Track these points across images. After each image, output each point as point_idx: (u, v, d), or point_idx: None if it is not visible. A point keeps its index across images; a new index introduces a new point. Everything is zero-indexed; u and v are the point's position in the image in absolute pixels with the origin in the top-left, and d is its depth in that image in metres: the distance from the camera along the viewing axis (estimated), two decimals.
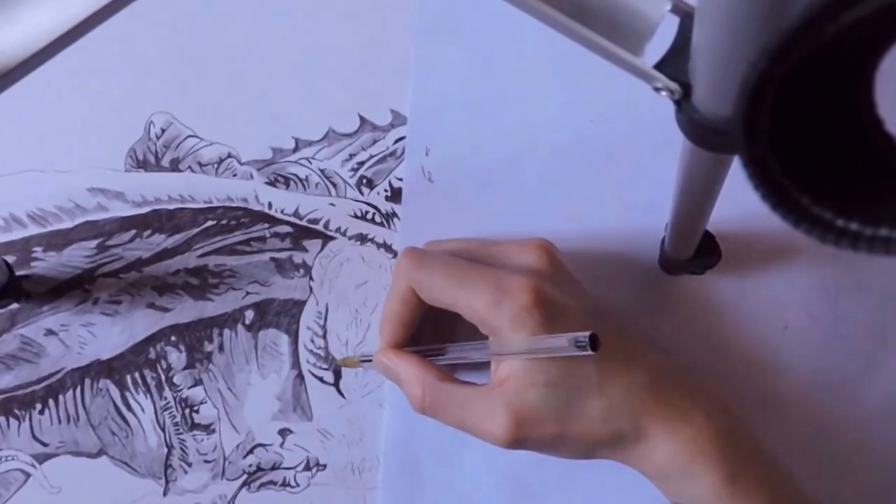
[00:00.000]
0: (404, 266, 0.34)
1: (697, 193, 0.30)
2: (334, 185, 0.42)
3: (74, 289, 0.42)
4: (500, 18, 0.43)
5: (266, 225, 0.42)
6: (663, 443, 0.33)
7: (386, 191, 0.42)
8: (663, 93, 0.23)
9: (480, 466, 0.41)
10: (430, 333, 0.39)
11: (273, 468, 0.42)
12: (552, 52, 0.42)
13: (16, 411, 0.41)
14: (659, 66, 0.23)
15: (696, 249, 0.38)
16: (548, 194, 0.42)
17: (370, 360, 0.39)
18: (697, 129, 0.23)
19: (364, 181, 0.42)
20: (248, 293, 0.42)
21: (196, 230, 0.42)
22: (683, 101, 0.23)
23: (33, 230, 0.42)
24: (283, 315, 0.42)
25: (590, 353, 0.28)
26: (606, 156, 0.42)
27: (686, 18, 0.23)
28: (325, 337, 0.42)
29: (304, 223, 0.42)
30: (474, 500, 0.41)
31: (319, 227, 0.42)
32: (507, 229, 0.42)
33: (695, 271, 0.41)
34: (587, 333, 0.28)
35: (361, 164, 0.42)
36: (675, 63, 0.23)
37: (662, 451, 0.33)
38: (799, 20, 0.13)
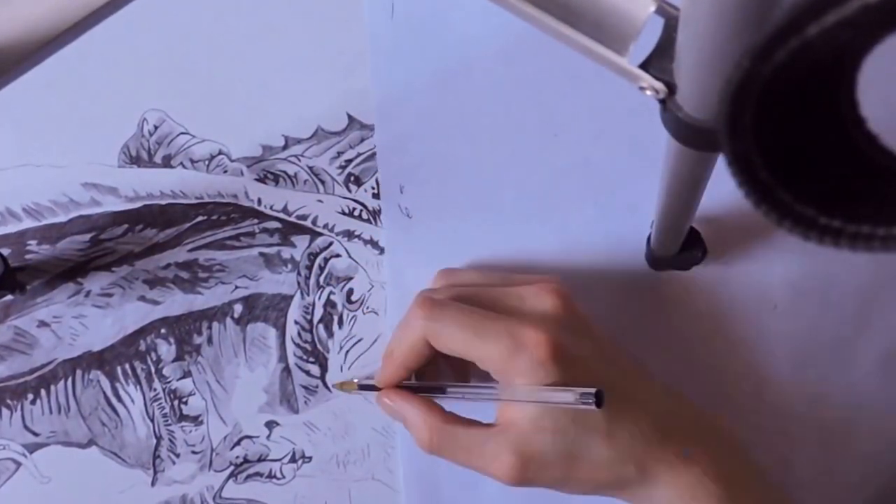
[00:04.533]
0: (419, 316, 0.34)
1: (682, 191, 0.30)
2: (322, 182, 0.44)
3: (67, 281, 0.43)
4: (453, 43, 0.43)
5: (255, 220, 0.43)
6: (665, 486, 0.33)
7: (373, 188, 0.43)
8: (648, 92, 0.23)
9: (500, 491, 0.42)
10: (445, 367, 0.39)
11: (259, 460, 0.43)
12: (511, 75, 0.42)
13: (8, 401, 0.42)
14: (644, 66, 0.23)
15: (681, 246, 0.39)
16: (526, 211, 0.42)
17: (368, 387, 0.39)
18: (682, 127, 0.24)
19: (352, 178, 0.44)
20: (237, 287, 0.43)
21: (187, 225, 0.43)
22: (668, 101, 0.23)
23: (28, 223, 0.42)
24: (271, 309, 0.43)
25: (594, 409, 0.29)
26: (577, 165, 0.42)
27: (670, 19, 0.24)
28: (311, 331, 0.43)
29: (292, 219, 0.43)
30: None
31: (307, 223, 0.43)
32: (492, 253, 0.42)
33: (681, 267, 0.42)
34: (593, 390, 0.29)
35: (349, 161, 0.44)
36: (659, 63, 0.23)
37: (664, 494, 0.33)
38: (782, 21, 0.13)
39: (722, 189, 0.38)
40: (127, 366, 0.42)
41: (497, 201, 0.43)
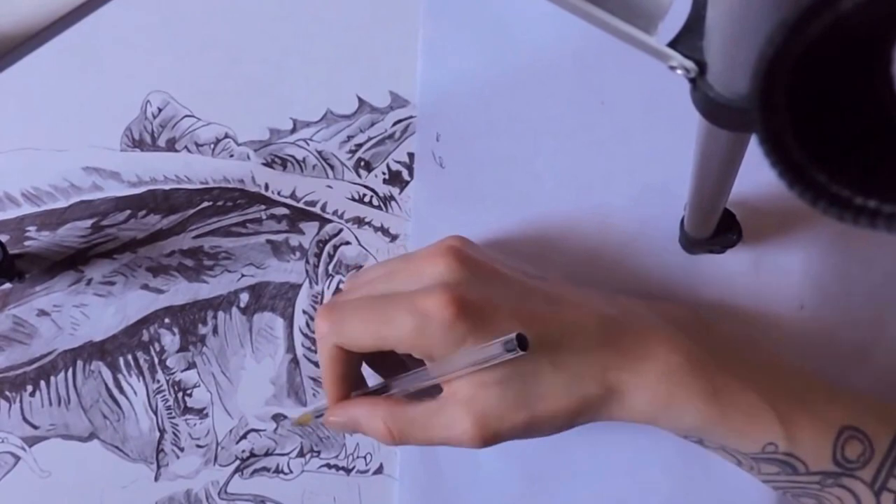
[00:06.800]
0: (322, 326, 0.33)
1: (715, 173, 0.29)
2: (332, 167, 0.42)
3: (68, 269, 0.42)
4: (503, 7, 0.43)
5: (262, 206, 0.42)
6: (636, 391, 0.32)
7: (384, 173, 0.42)
8: (678, 71, 0.22)
9: (495, 457, 0.41)
10: (381, 370, 0.37)
11: (266, 454, 0.42)
12: (562, 34, 0.41)
13: (6, 393, 0.40)
14: (673, 45, 0.22)
15: (715, 228, 0.37)
16: (561, 178, 0.41)
17: (321, 414, 0.37)
18: (713, 107, 0.23)
19: (362, 163, 0.42)
20: (243, 275, 0.42)
21: (192, 211, 0.42)
22: (699, 79, 0.22)
23: (27, 209, 0.41)
24: (278, 298, 0.42)
25: (521, 353, 0.27)
26: (618, 137, 0.41)
27: None
28: None
29: (300, 205, 0.42)
30: (491, 490, 0.40)
31: (316, 209, 0.42)
32: (521, 214, 0.41)
33: (714, 250, 0.40)
34: (513, 335, 0.28)
35: (359, 146, 0.42)
36: (689, 41, 0.22)
37: (638, 400, 0.32)
38: None
39: (759, 170, 0.38)
40: (129, 356, 0.41)
41: (533, 163, 0.41)
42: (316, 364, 0.41)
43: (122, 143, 0.41)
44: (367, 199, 0.42)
